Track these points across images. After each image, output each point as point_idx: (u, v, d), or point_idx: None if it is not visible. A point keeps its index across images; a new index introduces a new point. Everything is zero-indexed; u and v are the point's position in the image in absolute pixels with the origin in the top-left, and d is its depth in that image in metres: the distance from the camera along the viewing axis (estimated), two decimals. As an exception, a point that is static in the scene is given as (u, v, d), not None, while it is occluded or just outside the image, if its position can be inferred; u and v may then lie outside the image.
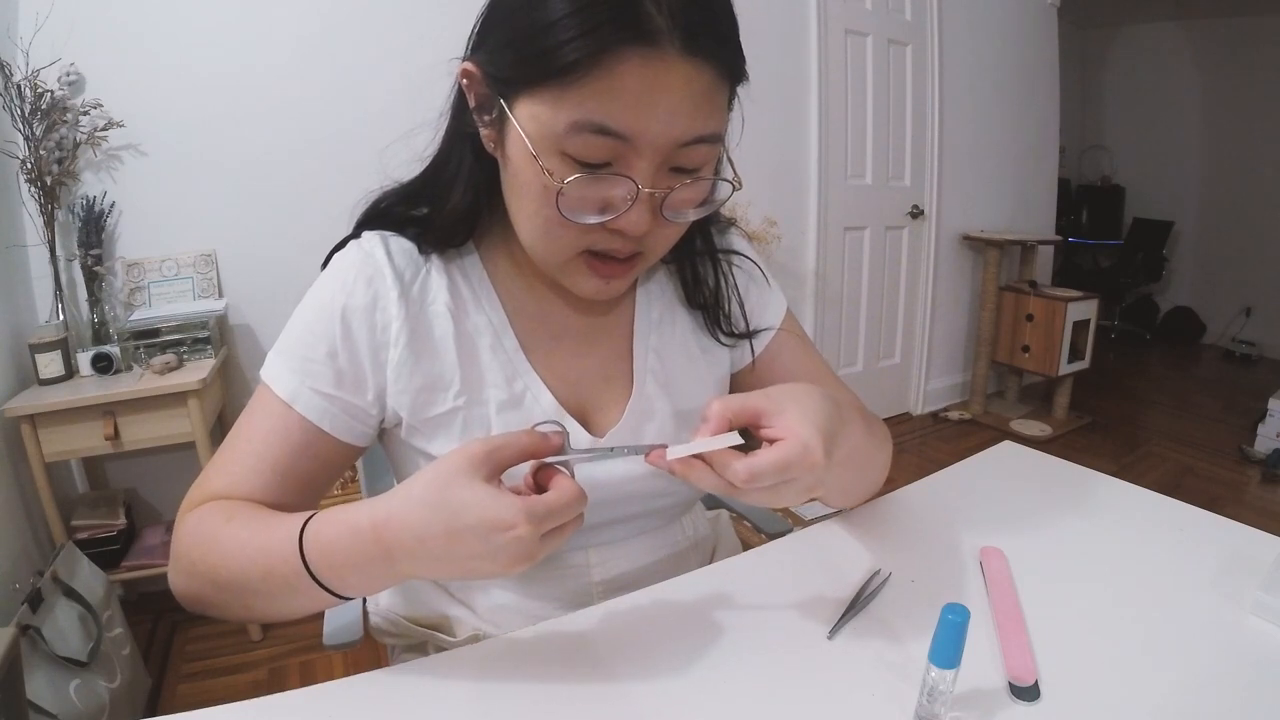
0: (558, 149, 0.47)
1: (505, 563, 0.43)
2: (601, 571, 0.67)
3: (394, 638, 0.73)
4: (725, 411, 0.46)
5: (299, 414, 0.57)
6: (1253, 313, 4.36)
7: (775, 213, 2.53)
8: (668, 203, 0.51)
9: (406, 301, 0.58)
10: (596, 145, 0.47)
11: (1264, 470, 2.65)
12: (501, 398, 0.61)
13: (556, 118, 0.46)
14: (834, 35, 2.65)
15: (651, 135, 0.46)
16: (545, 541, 0.43)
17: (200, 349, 1.71)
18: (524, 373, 0.62)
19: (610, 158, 0.48)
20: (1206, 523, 0.71)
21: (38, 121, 1.60)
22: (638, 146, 0.47)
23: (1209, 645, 0.53)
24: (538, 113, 0.47)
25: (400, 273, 0.59)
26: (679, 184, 0.50)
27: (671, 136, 0.47)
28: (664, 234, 0.54)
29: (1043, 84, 3.42)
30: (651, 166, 0.48)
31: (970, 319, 3.37)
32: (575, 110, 0.45)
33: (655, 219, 0.51)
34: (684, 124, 0.47)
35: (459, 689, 0.50)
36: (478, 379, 0.60)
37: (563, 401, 0.63)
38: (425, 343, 0.59)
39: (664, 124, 0.46)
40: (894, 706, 0.47)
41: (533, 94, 0.47)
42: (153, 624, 1.79)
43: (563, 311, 0.64)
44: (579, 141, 0.46)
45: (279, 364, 0.58)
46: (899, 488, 0.79)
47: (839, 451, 0.48)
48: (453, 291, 0.61)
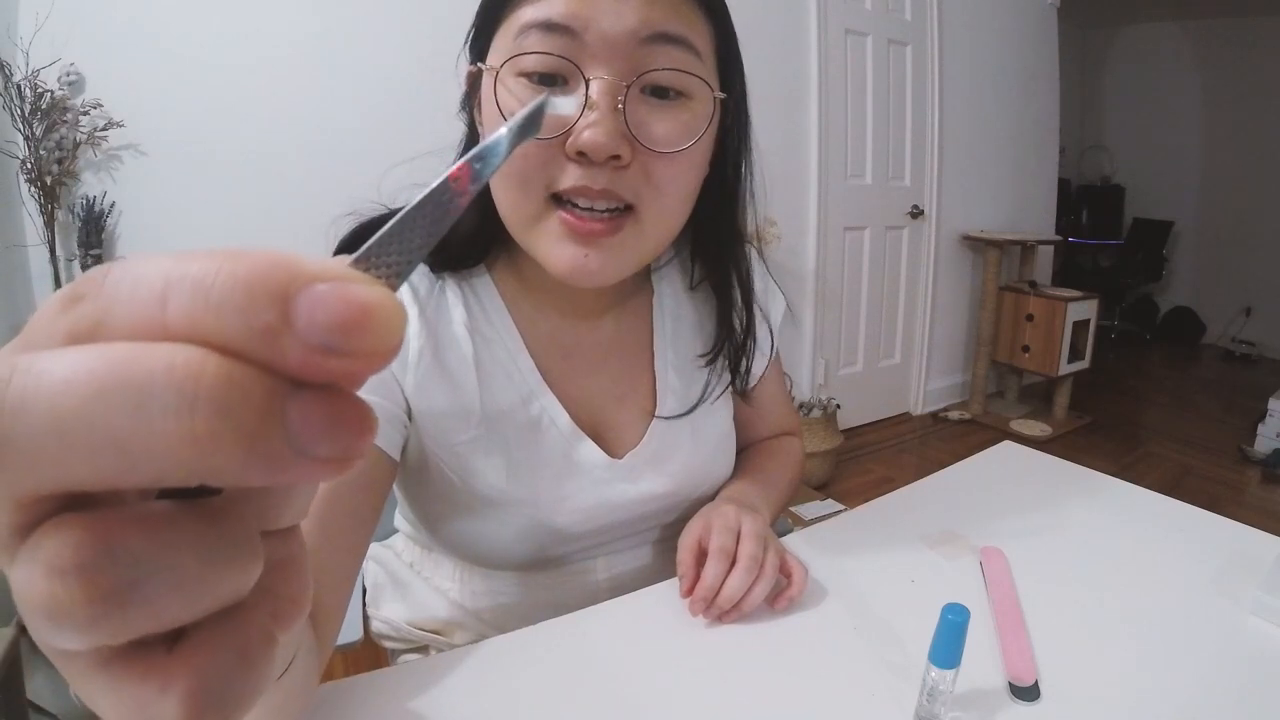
0: (515, 70, 0.46)
1: None
2: (608, 575, 0.67)
3: (395, 641, 0.73)
4: (691, 550, 0.58)
5: None
6: (1253, 313, 4.36)
7: (775, 213, 2.53)
8: (635, 119, 0.45)
9: (425, 321, 0.56)
10: (543, 43, 0.44)
11: (1264, 470, 2.65)
12: (519, 420, 0.59)
13: (507, 37, 0.46)
14: (834, 35, 2.65)
15: (601, 25, 0.43)
16: None
17: (200, 349, 1.71)
18: (541, 394, 0.59)
19: (557, 67, 0.45)
20: (1206, 523, 0.72)
21: (38, 121, 1.60)
22: (587, 43, 0.44)
23: (1209, 645, 0.53)
24: (497, 45, 0.47)
25: (416, 290, 0.57)
26: (646, 93, 0.46)
27: (624, 27, 0.44)
28: (653, 180, 0.48)
29: (1043, 84, 3.42)
30: (611, 71, 0.44)
31: (970, 319, 3.37)
32: (524, 16, 0.45)
33: (632, 146, 0.46)
34: (635, 12, 0.44)
35: (459, 689, 0.50)
36: (495, 404, 0.58)
37: (580, 422, 0.61)
38: (445, 367, 0.56)
39: (612, 11, 0.43)
40: (894, 706, 0.47)
41: (495, 39, 0.48)
42: (153, 624, 1.78)
43: (572, 328, 0.62)
44: (527, 43, 0.45)
45: None
46: (899, 488, 0.79)
47: (765, 512, 0.65)
48: (468, 309, 0.58)
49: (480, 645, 0.55)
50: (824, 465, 2.53)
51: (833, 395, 2.72)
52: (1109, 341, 4.61)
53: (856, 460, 2.80)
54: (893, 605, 0.58)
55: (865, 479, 2.64)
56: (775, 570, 0.56)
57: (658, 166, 0.47)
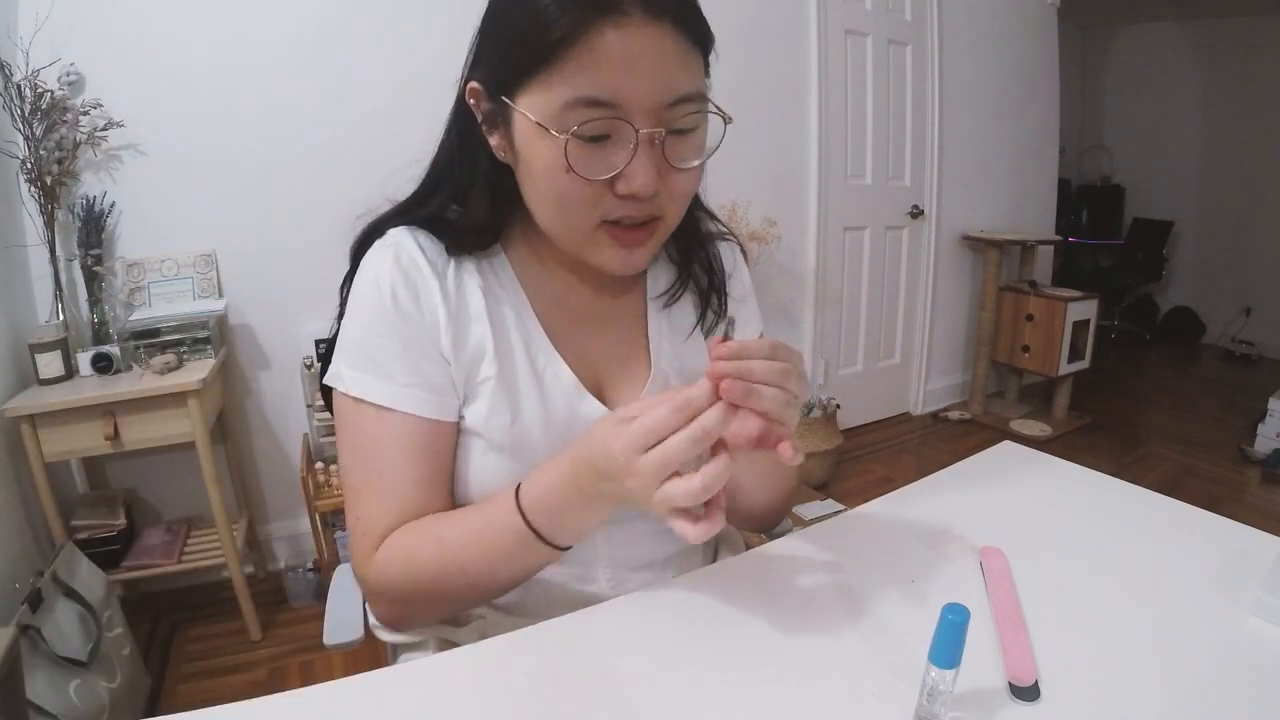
0: (559, 129, 0.52)
1: (623, 468, 0.48)
2: (608, 549, 0.68)
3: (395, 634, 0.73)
4: None
5: (405, 414, 0.59)
6: (1253, 313, 4.35)
7: (775, 213, 2.52)
8: (669, 151, 0.54)
9: (444, 287, 0.62)
10: (592, 117, 0.51)
11: (1264, 470, 2.65)
12: (526, 374, 0.64)
13: (551, 100, 0.51)
14: (834, 35, 2.65)
15: (637, 97, 0.51)
16: (655, 460, 0.47)
17: (200, 349, 1.71)
18: (545, 351, 0.65)
19: (608, 130, 0.52)
20: (1206, 523, 0.72)
21: (38, 121, 1.60)
22: (628, 111, 0.52)
23: (1209, 645, 0.54)
24: (535, 101, 0.52)
25: (433, 260, 0.62)
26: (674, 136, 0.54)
27: (655, 98, 0.52)
28: (674, 192, 0.57)
29: (1043, 84, 3.42)
30: (648, 124, 0.52)
31: (970, 319, 3.37)
32: (566, 88, 0.51)
33: (662, 175, 0.55)
34: (663, 85, 0.52)
35: (459, 689, 0.50)
36: (507, 353, 0.64)
37: (582, 379, 0.66)
38: (465, 319, 0.63)
39: (646, 85, 0.51)
40: (894, 706, 0.47)
41: (529, 86, 0.52)
42: (153, 624, 1.78)
43: (580, 295, 0.68)
44: (575, 117, 0.51)
45: (362, 378, 0.60)
46: (899, 488, 0.79)
47: None
48: (483, 276, 0.64)
49: (480, 645, 0.55)
50: (824, 465, 2.53)
51: (833, 395, 2.72)
52: (1109, 341, 4.61)
53: (856, 460, 2.80)
54: (893, 605, 0.58)
55: (865, 479, 2.64)
56: (781, 406, 0.51)
57: (679, 180, 0.57)
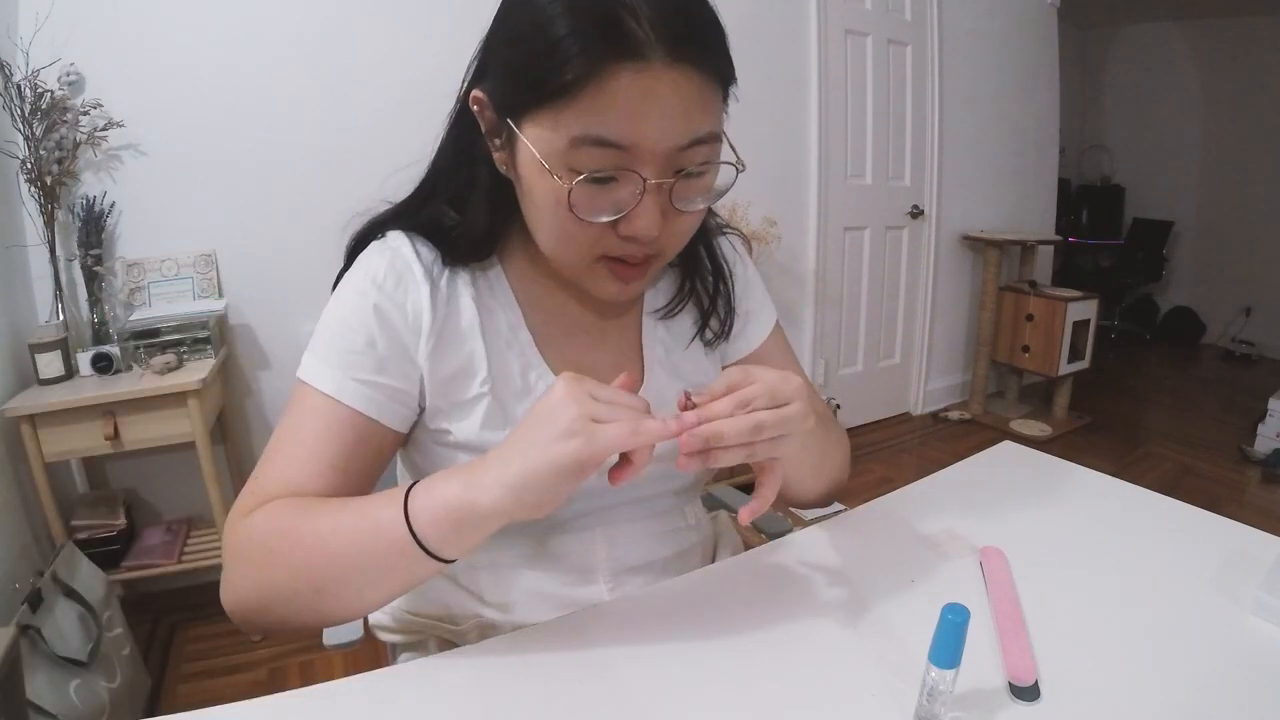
0: (565, 164, 0.50)
1: (560, 433, 0.45)
2: (607, 550, 0.67)
3: (395, 633, 0.73)
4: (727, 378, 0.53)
5: (346, 406, 0.57)
6: (1252, 313, 4.36)
7: (775, 213, 2.52)
8: (675, 194, 0.53)
9: (435, 295, 0.60)
10: (599, 157, 0.49)
11: (1264, 470, 2.65)
12: (518, 387, 0.63)
13: (558, 135, 0.49)
14: (834, 35, 2.65)
15: (649, 143, 0.49)
16: (597, 426, 0.46)
17: (200, 349, 1.71)
18: (537, 365, 0.64)
19: (615, 168, 0.50)
20: (1206, 523, 0.72)
21: (38, 121, 1.60)
22: (638, 154, 0.49)
23: (1209, 645, 0.54)
24: (542, 133, 0.50)
25: (428, 268, 0.61)
26: (683, 180, 0.52)
27: (668, 143, 0.49)
28: (675, 231, 0.56)
29: (1043, 84, 3.42)
30: (654, 171, 0.50)
31: (970, 319, 3.37)
32: (575, 126, 0.48)
33: (666, 216, 0.53)
34: (678, 129, 0.49)
35: (459, 689, 0.50)
36: (500, 369, 0.63)
37: None
38: (454, 333, 0.61)
39: (659, 131, 0.49)
40: (894, 706, 0.47)
41: (536, 116, 0.50)
42: (153, 624, 1.78)
43: (576, 309, 0.67)
44: (582, 155, 0.49)
45: (316, 363, 0.59)
46: (899, 488, 0.79)
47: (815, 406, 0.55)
48: (476, 288, 0.63)
49: (480, 645, 0.55)
50: (824, 465, 2.53)
51: (833, 395, 2.73)
52: (1109, 341, 4.61)
53: (856, 460, 2.80)
54: (893, 605, 0.58)
55: (865, 479, 2.64)
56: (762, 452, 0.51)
57: (682, 221, 0.55)
